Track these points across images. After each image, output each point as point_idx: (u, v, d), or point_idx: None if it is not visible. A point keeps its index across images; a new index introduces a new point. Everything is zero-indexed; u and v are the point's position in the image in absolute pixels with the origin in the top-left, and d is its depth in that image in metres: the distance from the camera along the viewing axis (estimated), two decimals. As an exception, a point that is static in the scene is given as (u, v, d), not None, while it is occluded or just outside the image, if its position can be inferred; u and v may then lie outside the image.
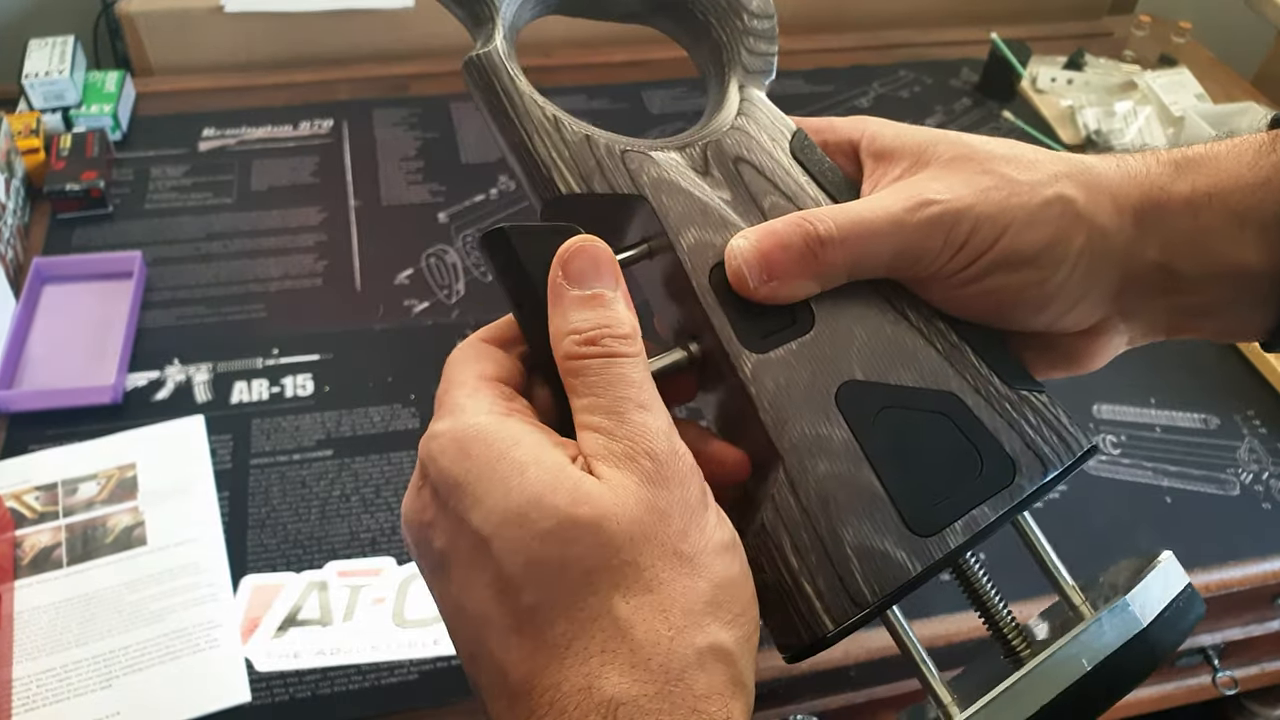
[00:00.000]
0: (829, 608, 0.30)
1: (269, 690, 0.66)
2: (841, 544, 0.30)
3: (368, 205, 1.03)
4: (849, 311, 0.33)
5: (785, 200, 0.34)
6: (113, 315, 0.88)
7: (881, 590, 0.30)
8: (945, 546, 0.31)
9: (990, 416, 0.32)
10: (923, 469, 0.31)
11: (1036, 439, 0.33)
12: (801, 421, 0.31)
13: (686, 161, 0.34)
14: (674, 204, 0.33)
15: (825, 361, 0.32)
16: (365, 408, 0.83)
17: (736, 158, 0.35)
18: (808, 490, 0.30)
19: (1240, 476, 0.84)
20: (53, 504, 0.75)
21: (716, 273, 0.33)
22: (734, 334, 0.32)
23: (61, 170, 0.98)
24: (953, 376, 0.33)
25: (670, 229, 0.33)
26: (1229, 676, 1.01)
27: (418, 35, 1.23)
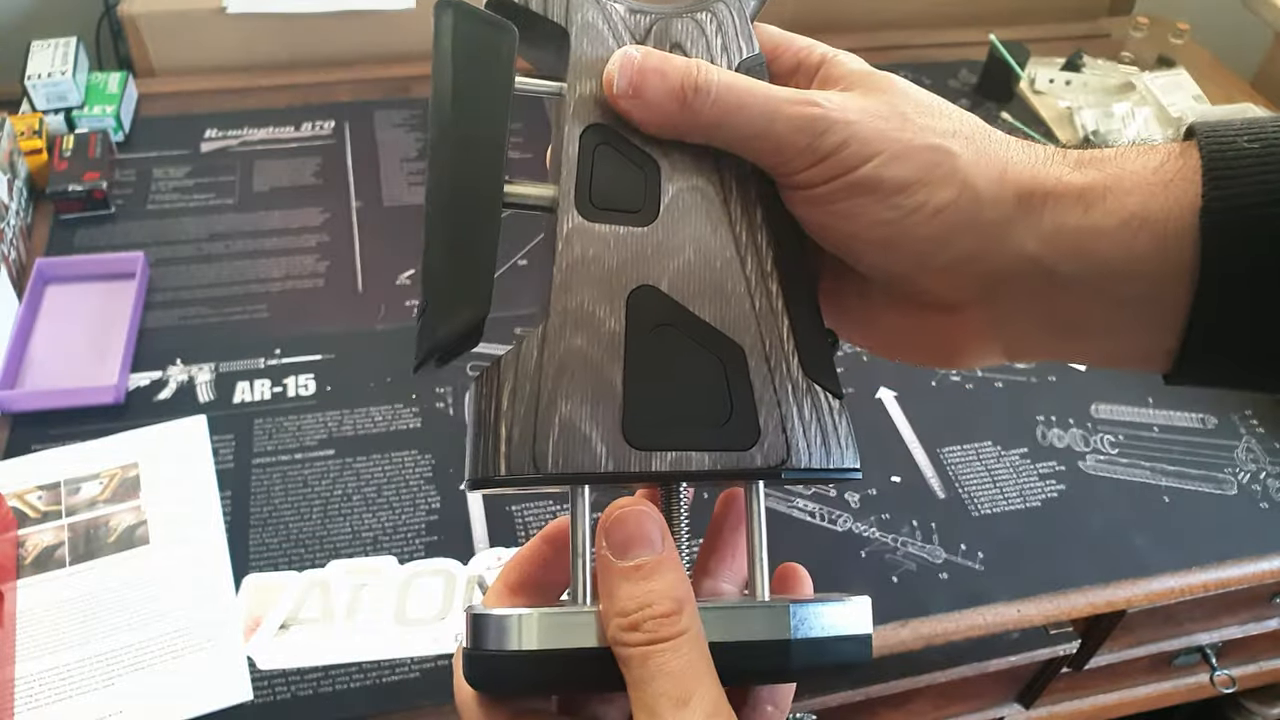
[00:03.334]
0: (509, 456, 0.30)
1: (271, 688, 0.66)
2: (553, 410, 0.30)
3: (369, 206, 1.03)
4: (692, 229, 0.32)
5: None
6: (115, 315, 0.88)
7: (564, 466, 0.30)
8: (645, 465, 0.30)
9: (763, 385, 0.32)
10: (669, 391, 0.31)
11: (797, 429, 0.32)
12: (584, 295, 0.31)
13: (629, 23, 0.33)
14: (587, 52, 0.33)
15: (641, 259, 0.32)
16: (367, 407, 0.84)
17: (675, 43, 0.34)
18: (554, 352, 0.31)
19: (1238, 476, 0.84)
20: (55, 503, 0.75)
21: (593, 132, 0.32)
22: (574, 190, 0.32)
23: (64, 171, 0.98)
24: (750, 334, 0.32)
25: (571, 70, 0.33)
26: (1227, 675, 1.01)
27: (419, 36, 1.23)
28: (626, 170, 0.32)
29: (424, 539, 0.75)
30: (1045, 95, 1.24)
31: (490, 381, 0.31)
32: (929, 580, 0.75)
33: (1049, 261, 0.30)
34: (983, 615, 0.74)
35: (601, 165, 0.32)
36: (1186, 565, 0.78)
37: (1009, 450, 0.85)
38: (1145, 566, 0.77)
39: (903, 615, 0.73)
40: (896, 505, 0.80)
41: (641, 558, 0.29)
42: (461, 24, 0.31)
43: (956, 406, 0.88)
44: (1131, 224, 0.29)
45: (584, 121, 0.32)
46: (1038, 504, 0.81)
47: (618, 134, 0.32)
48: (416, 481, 0.79)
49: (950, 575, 0.76)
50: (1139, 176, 0.30)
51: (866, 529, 0.78)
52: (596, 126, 0.32)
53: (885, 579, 0.75)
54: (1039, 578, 0.76)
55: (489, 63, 0.31)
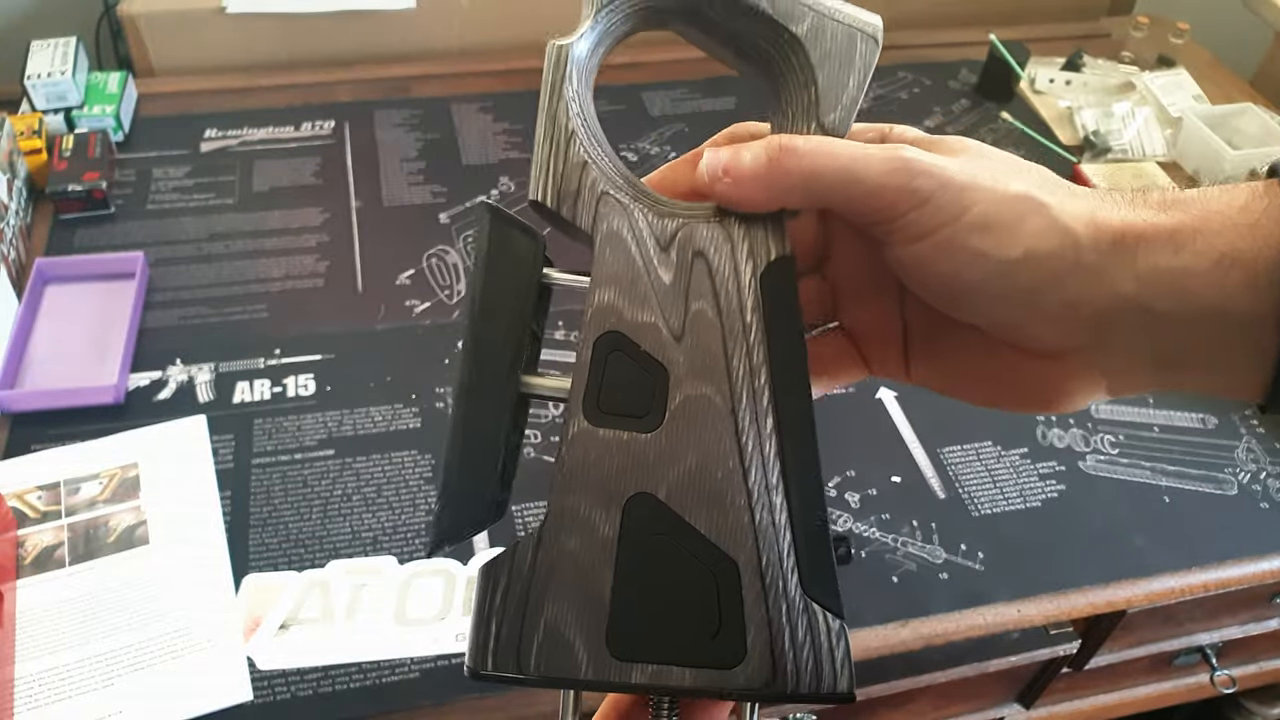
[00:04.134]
0: (496, 653, 0.31)
1: (271, 689, 0.66)
2: (539, 614, 0.31)
3: (369, 206, 1.03)
4: (696, 437, 0.32)
5: (714, 314, 0.33)
6: (115, 315, 0.88)
7: (545, 670, 0.31)
8: (625, 676, 0.31)
9: (754, 603, 0.31)
10: (657, 603, 0.31)
11: (788, 651, 0.31)
12: (582, 499, 0.32)
13: (655, 229, 0.34)
14: (611, 261, 0.33)
15: (641, 466, 0.32)
16: (367, 407, 0.84)
17: (698, 251, 0.34)
18: (547, 553, 0.31)
19: (1238, 476, 0.84)
20: (55, 503, 0.75)
21: (606, 339, 0.33)
22: (583, 394, 0.32)
23: (64, 171, 0.98)
24: (746, 549, 0.32)
25: (594, 279, 0.33)
26: (1227, 675, 1.01)
27: (419, 36, 1.23)
28: (636, 376, 0.33)
29: (424, 539, 0.75)
30: (1045, 95, 1.24)
31: (489, 575, 0.32)
32: (929, 580, 0.75)
33: (1147, 300, 0.31)
34: (983, 615, 0.74)
35: (613, 370, 0.33)
36: (1187, 565, 0.78)
37: (1009, 450, 0.84)
38: (1145, 566, 0.77)
39: (903, 615, 0.73)
40: (896, 505, 0.80)
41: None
42: (496, 228, 0.33)
43: (956, 406, 0.87)
44: (1223, 264, 0.30)
45: (599, 330, 0.33)
46: (1038, 504, 0.81)
47: (630, 341, 0.33)
48: (416, 481, 0.79)
49: (950, 575, 0.75)
50: (1225, 217, 0.30)
51: (867, 529, 0.78)
52: (611, 334, 0.33)
53: (885, 579, 0.75)
54: (1039, 578, 0.76)
55: (515, 266, 0.33)
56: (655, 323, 0.33)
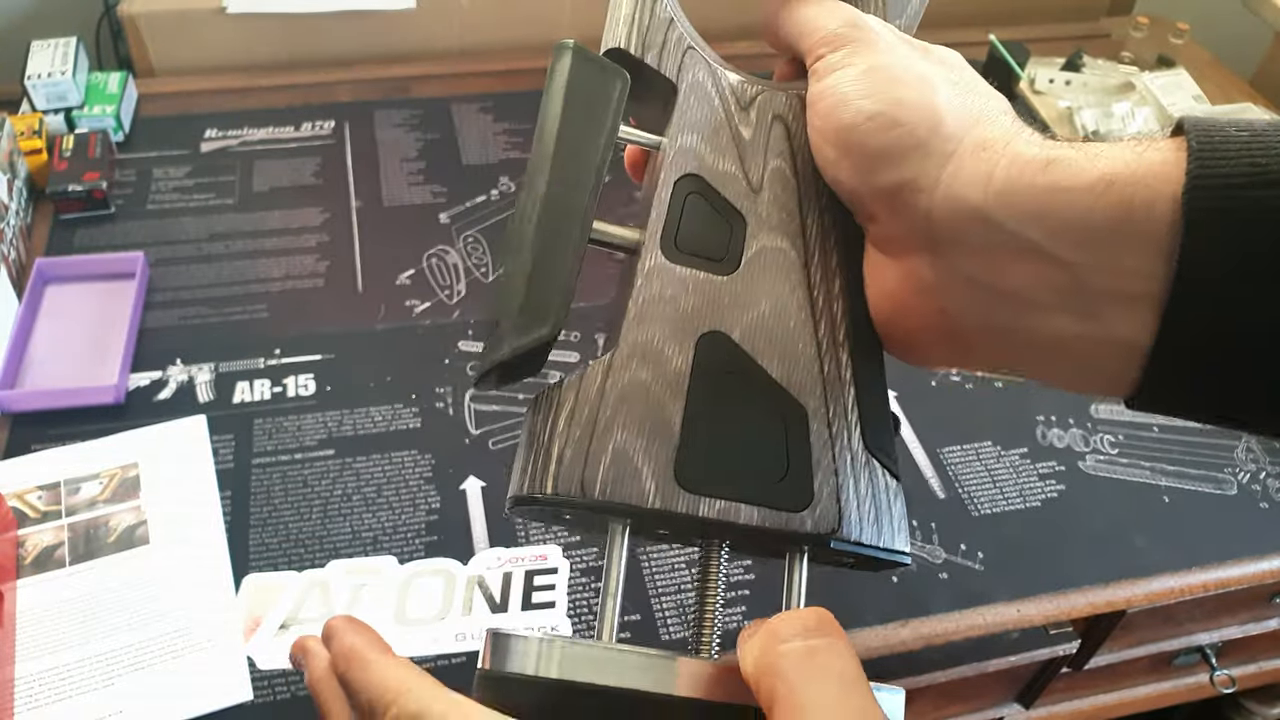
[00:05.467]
0: (558, 476, 0.30)
1: (271, 688, 0.66)
2: (608, 438, 0.30)
3: (369, 206, 1.03)
4: (770, 286, 0.33)
5: (791, 173, 0.34)
6: (115, 315, 0.88)
7: (610, 495, 0.30)
8: (693, 508, 0.30)
9: (822, 450, 0.31)
10: (726, 440, 0.31)
11: (851, 502, 0.31)
12: (656, 331, 0.32)
13: (735, 89, 0.35)
14: (695, 109, 0.34)
15: (716, 305, 0.32)
16: (367, 407, 0.84)
17: (778, 114, 0.34)
18: (617, 381, 0.31)
19: (1238, 476, 0.84)
20: (55, 503, 0.75)
21: (685, 181, 0.33)
22: (661, 230, 0.33)
23: (64, 171, 0.98)
24: (815, 397, 0.32)
25: (674, 123, 0.34)
26: (1227, 675, 1.01)
27: (419, 36, 1.23)
28: (714, 221, 0.33)
29: (424, 539, 0.75)
30: (1045, 95, 1.24)
31: (549, 401, 0.31)
32: (929, 580, 0.75)
33: (995, 215, 0.28)
34: (982, 615, 0.74)
35: (690, 212, 0.33)
36: (1186, 565, 0.78)
37: (1009, 450, 0.85)
38: (1145, 566, 0.77)
39: (902, 615, 0.73)
40: (896, 505, 0.79)
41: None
42: (578, 64, 0.33)
43: (956, 406, 0.88)
44: (1096, 186, 0.27)
45: (680, 170, 0.33)
46: (1037, 504, 0.81)
47: (710, 187, 0.33)
48: (416, 481, 0.79)
49: (950, 575, 0.76)
50: (1112, 149, 0.28)
51: (866, 529, 0.78)
52: (691, 177, 0.33)
53: (885, 579, 0.75)
54: (1039, 578, 0.76)
55: (599, 103, 0.33)
56: (735, 172, 0.33)
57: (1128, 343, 0.28)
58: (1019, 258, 0.29)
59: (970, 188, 0.29)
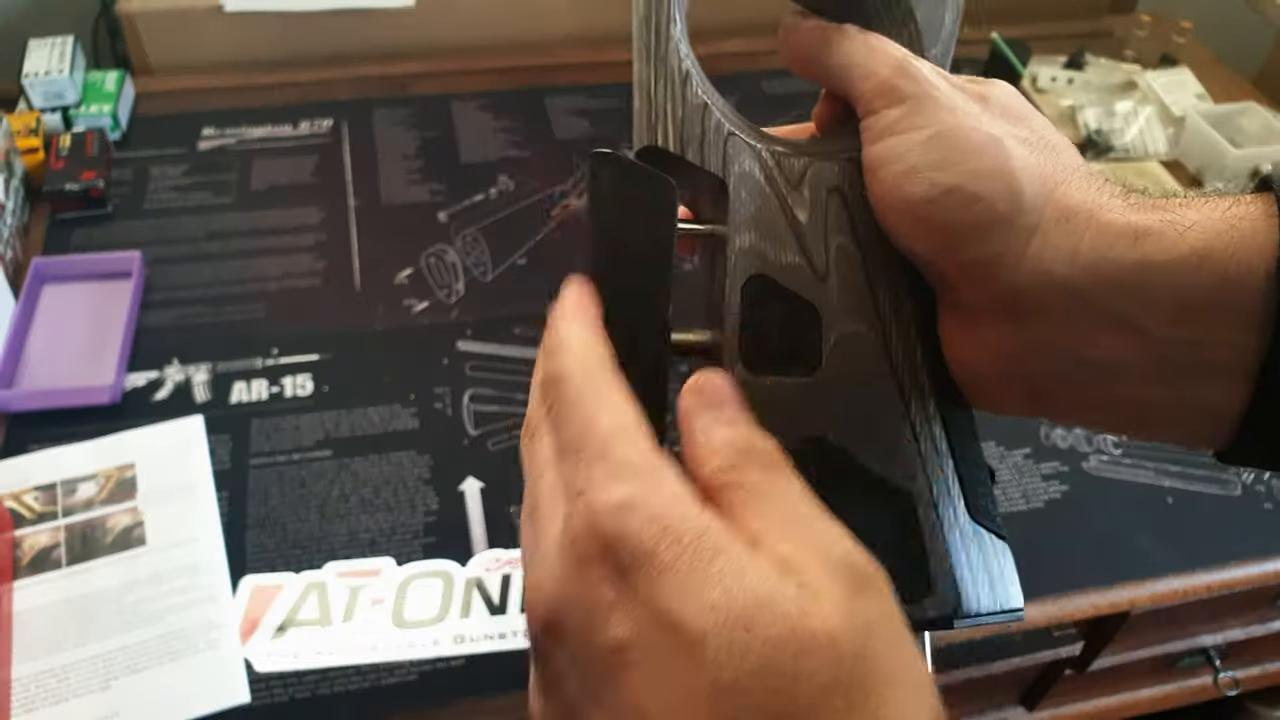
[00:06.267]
0: None
1: (268, 691, 0.66)
2: None
3: (367, 205, 1.03)
4: (854, 374, 0.32)
5: (855, 249, 0.33)
6: (112, 315, 0.88)
7: None
8: None
9: (932, 535, 0.31)
10: None
11: (966, 579, 0.31)
12: None
13: (784, 168, 0.33)
14: (748, 203, 0.33)
15: (807, 410, 0.32)
16: (364, 408, 0.83)
17: (831, 188, 0.33)
18: None
19: (1242, 477, 0.84)
20: (52, 504, 0.75)
21: (753, 284, 0.32)
22: (739, 344, 0.32)
23: (61, 170, 0.98)
24: (918, 482, 0.32)
25: (732, 224, 0.33)
26: (1230, 677, 1.00)
27: (418, 34, 1.23)
28: (788, 320, 0.32)
29: (422, 540, 0.74)
30: (1047, 94, 1.23)
31: None
32: (931, 582, 0.75)
33: (1083, 289, 0.28)
34: (985, 617, 0.73)
35: (762, 316, 0.32)
36: (1190, 567, 0.77)
37: (1012, 451, 0.84)
38: (1149, 568, 0.77)
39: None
40: (898, 506, 0.79)
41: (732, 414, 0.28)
42: (624, 181, 0.31)
43: (958, 407, 0.87)
44: (1190, 261, 0.27)
45: (745, 274, 0.32)
46: (1041, 505, 0.80)
47: (777, 284, 0.33)
48: (414, 482, 0.78)
49: (952, 577, 0.75)
50: (1203, 216, 0.27)
51: (868, 530, 0.77)
52: (756, 279, 0.32)
53: (887, 580, 0.74)
54: (1042, 579, 0.76)
55: (654, 217, 0.31)
56: (799, 263, 0.33)
57: (1217, 409, 0.28)
58: (1107, 330, 0.28)
59: (1056, 262, 0.28)
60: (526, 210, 1.03)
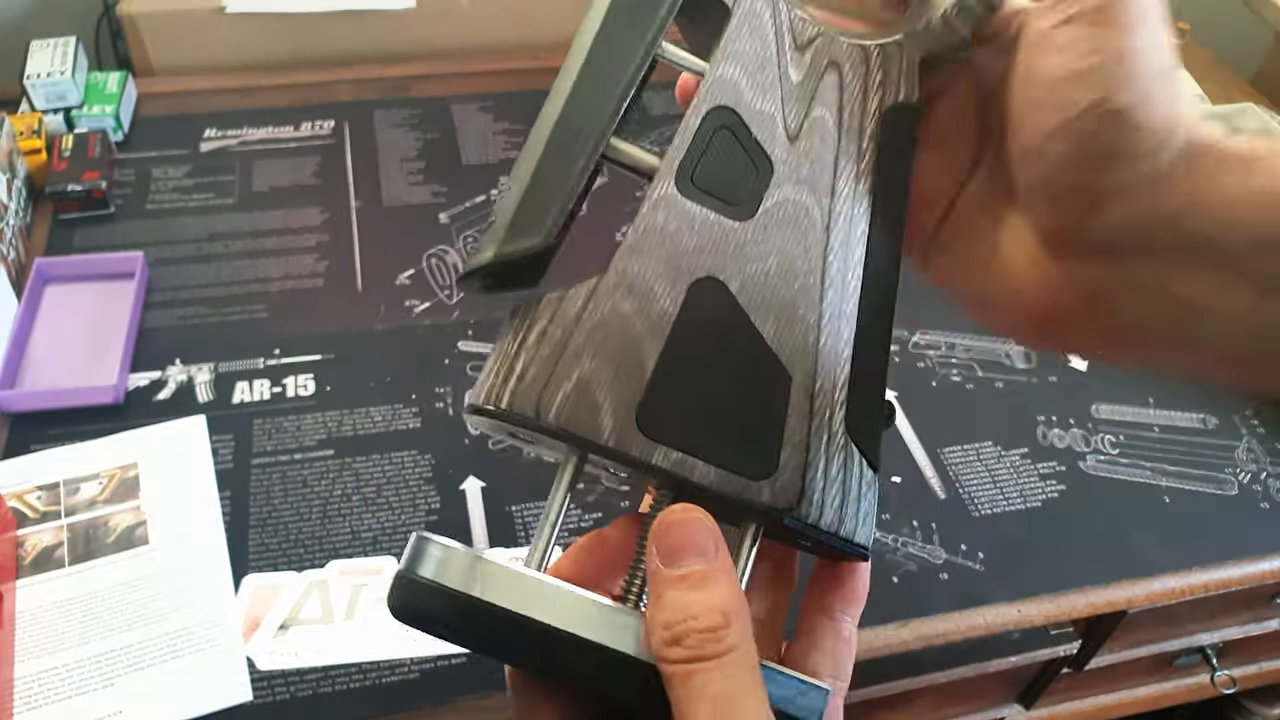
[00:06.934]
0: (515, 392, 0.28)
1: (270, 689, 0.66)
2: (575, 365, 0.29)
3: (369, 206, 1.03)
4: (783, 241, 0.31)
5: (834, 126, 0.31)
6: (114, 315, 0.88)
7: (565, 423, 0.28)
8: (647, 454, 0.29)
9: (798, 423, 0.30)
10: (698, 392, 0.29)
11: (816, 482, 0.29)
12: (649, 265, 0.30)
13: (795, 26, 0.32)
14: (745, 39, 0.31)
15: (721, 251, 0.30)
16: (366, 408, 0.84)
17: (833, 60, 0.32)
18: (598, 308, 0.29)
19: (1238, 476, 0.84)
20: (54, 504, 0.75)
21: (719, 113, 0.31)
22: (679, 160, 0.30)
23: (63, 171, 0.98)
24: (802, 369, 0.30)
25: (720, 49, 0.31)
26: (1227, 676, 1.01)
27: (419, 36, 1.23)
28: (739, 161, 0.31)
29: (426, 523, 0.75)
30: (1046, 95, 1.23)
31: (525, 313, 0.29)
32: (929, 581, 0.75)
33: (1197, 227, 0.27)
34: (983, 616, 0.74)
35: (716, 148, 0.31)
36: (1187, 565, 0.78)
37: (1009, 450, 0.84)
38: (1146, 566, 0.77)
39: (903, 616, 0.73)
40: (897, 505, 0.79)
41: (692, 567, 0.27)
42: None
43: (957, 406, 0.87)
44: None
45: (714, 101, 0.31)
46: (1038, 504, 0.81)
47: (743, 124, 0.31)
48: (416, 481, 0.79)
49: (950, 576, 0.75)
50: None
51: (867, 529, 0.77)
52: (725, 110, 0.31)
53: (885, 579, 0.75)
54: (1039, 578, 0.76)
55: (644, 12, 0.31)
56: (773, 114, 0.31)
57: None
58: (1208, 266, 0.27)
59: (1175, 198, 0.27)
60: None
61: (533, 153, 0.30)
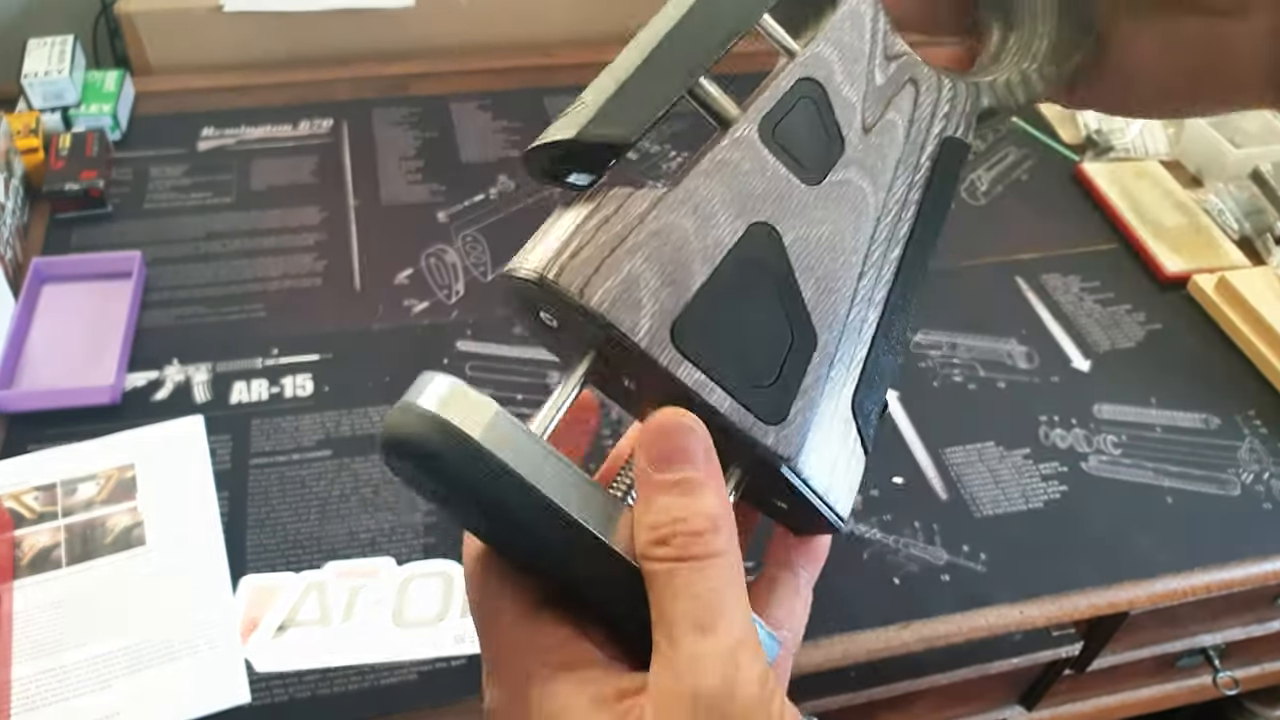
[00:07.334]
0: (565, 267, 0.29)
1: (268, 691, 0.66)
2: (627, 261, 0.30)
3: (367, 205, 1.03)
4: (838, 214, 0.33)
5: (902, 132, 0.35)
6: (112, 315, 0.88)
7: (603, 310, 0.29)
8: (674, 365, 0.30)
9: (813, 383, 0.31)
10: (733, 325, 0.31)
11: (816, 441, 0.31)
12: (718, 193, 0.31)
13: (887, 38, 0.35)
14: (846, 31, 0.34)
15: (784, 203, 0.32)
16: (364, 408, 0.83)
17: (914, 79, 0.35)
18: (661, 215, 0.30)
19: (1241, 476, 0.84)
20: (52, 504, 0.75)
21: (807, 84, 0.33)
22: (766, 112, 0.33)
23: (61, 170, 0.98)
24: (830, 335, 0.32)
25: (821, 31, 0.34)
26: (1230, 677, 1.00)
27: (417, 34, 1.23)
28: (817, 131, 0.33)
29: (422, 540, 0.74)
30: (1047, 94, 1.23)
31: (590, 199, 0.31)
32: (931, 582, 0.75)
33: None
34: (985, 617, 0.73)
35: (800, 112, 0.33)
36: (1189, 566, 0.77)
37: (1011, 451, 0.84)
38: (1148, 568, 0.77)
39: (905, 617, 0.72)
40: (898, 507, 0.79)
41: (683, 473, 0.27)
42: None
43: (959, 407, 0.87)
44: None
45: (808, 72, 0.33)
46: (1040, 505, 0.80)
47: (827, 101, 0.34)
48: (415, 482, 0.78)
49: (952, 577, 0.75)
50: None
51: (868, 531, 0.77)
52: (815, 83, 0.33)
53: (887, 581, 0.74)
54: (1041, 579, 0.76)
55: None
56: (855, 103, 0.34)
57: None
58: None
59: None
60: (526, 210, 1.03)
61: (632, 59, 0.32)
